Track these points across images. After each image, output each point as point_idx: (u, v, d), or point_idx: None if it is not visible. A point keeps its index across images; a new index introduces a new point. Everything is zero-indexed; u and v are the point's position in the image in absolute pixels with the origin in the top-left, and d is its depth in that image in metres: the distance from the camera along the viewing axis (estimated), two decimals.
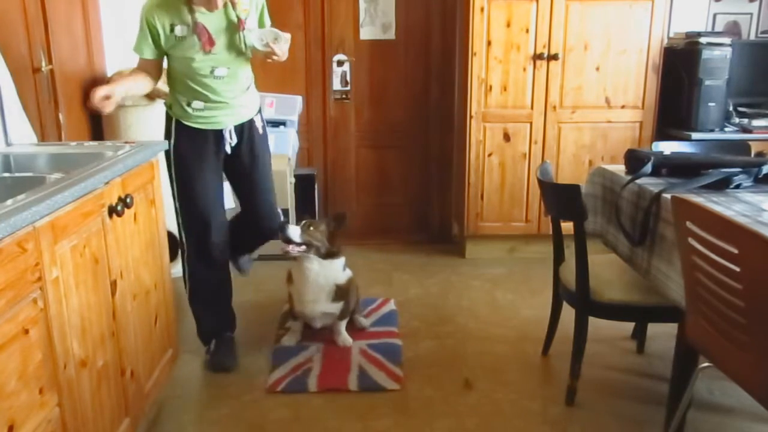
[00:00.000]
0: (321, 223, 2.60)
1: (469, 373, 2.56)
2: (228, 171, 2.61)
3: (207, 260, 2.58)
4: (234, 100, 2.47)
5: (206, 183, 2.49)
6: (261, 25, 2.45)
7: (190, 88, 2.40)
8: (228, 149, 2.51)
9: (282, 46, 2.32)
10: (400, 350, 2.72)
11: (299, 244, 2.51)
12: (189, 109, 2.43)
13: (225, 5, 2.31)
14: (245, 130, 2.54)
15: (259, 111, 2.62)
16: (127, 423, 1.86)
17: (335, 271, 2.60)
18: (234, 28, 2.35)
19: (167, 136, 2.50)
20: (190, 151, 2.46)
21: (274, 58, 2.35)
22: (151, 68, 2.42)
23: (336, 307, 2.65)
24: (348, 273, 2.67)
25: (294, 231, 2.50)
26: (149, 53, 2.37)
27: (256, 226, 2.68)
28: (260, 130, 2.59)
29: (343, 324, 2.75)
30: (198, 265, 2.59)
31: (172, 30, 2.31)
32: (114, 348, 1.78)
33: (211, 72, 2.37)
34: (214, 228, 2.53)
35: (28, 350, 1.32)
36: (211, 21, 2.30)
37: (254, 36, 2.32)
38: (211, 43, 2.30)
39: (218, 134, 2.48)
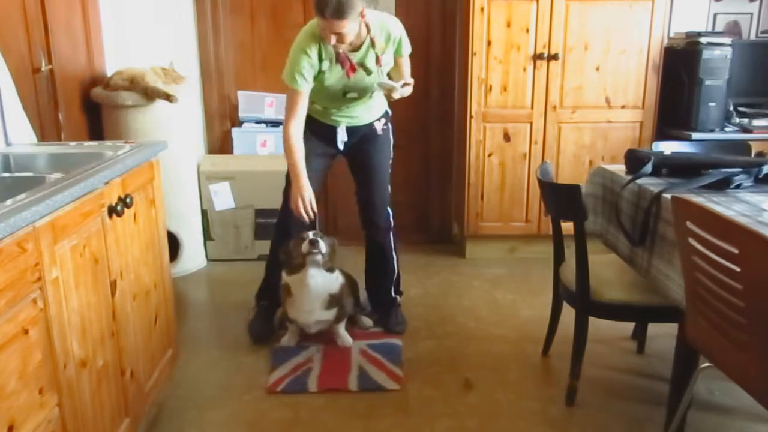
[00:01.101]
0: (326, 237, 2.68)
1: (469, 373, 2.56)
2: (350, 165, 2.87)
3: (285, 230, 2.76)
4: (355, 110, 2.71)
5: (309, 164, 2.62)
6: (398, 53, 2.68)
7: (319, 97, 2.64)
8: (341, 146, 2.75)
9: (401, 93, 2.62)
10: (400, 350, 2.72)
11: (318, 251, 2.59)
12: (313, 105, 2.66)
13: (366, 44, 2.52)
14: (363, 130, 2.77)
15: (383, 115, 2.83)
16: (127, 423, 1.86)
17: (331, 282, 2.67)
18: (372, 64, 2.56)
19: None
20: (306, 134, 2.63)
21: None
22: (304, 101, 2.55)
23: (330, 314, 2.69)
24: (340, 280, 2.72)
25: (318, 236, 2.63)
26: (306, 86, 2.52)
27: (366, 216, 2.90)
28: (379, 132, 2.80)
29: (341, 326, 2.78)
30: (279, 232, 2.82)
31: (320, 63, 2.51)
32: (114, 348, 1.78)
33: (344, 94, 2.63)
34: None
35: (28, 350, 1.32)
36: (352, 55, 2.49)
37: (377, 84, 2.60)
38: (353, 69, 2.53)
39: (332, 129, 2.72)
